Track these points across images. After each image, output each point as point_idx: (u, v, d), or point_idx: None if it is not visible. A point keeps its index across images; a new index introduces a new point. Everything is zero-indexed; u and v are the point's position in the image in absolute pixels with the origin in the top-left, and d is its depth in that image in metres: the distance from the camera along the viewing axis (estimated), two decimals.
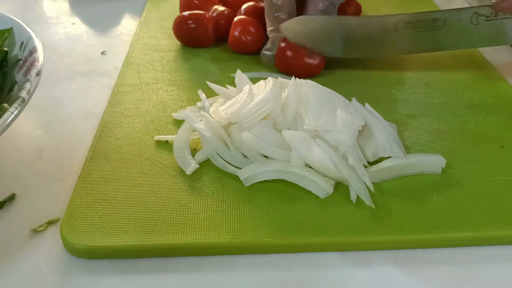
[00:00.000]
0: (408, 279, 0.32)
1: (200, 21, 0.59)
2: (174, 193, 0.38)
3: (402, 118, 0.47)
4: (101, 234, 0.34)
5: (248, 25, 0.57)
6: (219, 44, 0.61)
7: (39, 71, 0.40)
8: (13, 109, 0.36)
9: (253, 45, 0.57)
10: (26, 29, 0.46)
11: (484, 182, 0.38)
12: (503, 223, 0.35)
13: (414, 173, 0.39)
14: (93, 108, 0.50)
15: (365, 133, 0.41)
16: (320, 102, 0.41)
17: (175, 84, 0.53)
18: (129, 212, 0.36)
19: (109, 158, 0.41)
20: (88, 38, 0.67)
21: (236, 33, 0.57)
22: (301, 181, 0.38)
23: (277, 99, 0.40)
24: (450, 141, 0.43)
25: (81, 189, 0.38)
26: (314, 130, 0.39)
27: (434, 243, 0.34)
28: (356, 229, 0.34)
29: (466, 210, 0.36)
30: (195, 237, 0.34)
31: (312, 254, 0.34)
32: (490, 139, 0.43)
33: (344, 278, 0.32)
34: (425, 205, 0.36)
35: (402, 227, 0.34)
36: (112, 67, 0.58)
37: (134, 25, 0.70)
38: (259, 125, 0.39)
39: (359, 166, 0.37)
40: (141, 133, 0.44)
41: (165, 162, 0.41)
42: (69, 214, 0.35)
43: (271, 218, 0.35)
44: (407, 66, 0.56)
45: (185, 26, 0.59)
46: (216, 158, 0.40)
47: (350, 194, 0.37)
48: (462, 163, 0.40)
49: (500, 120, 0.46)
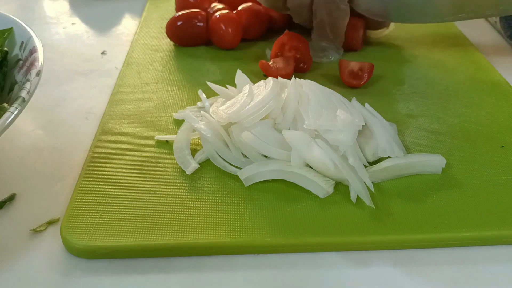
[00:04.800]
0: (408, 279, 0.32)
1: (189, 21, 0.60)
2: (174, 193, 0.38)
3: (402, 118, 0.47)
4: (101, 234, 0.34)
5: (226, 20, 0.58)
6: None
7: (39, 71, 0.40)
8: (13, 109, 0.36)
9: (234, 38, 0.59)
10: (26, 29, 0.46)
11: (484, 182, 0.38)
12: (503, 223, 0.35)
13: (414, 173, 0.39)
14: (93, 108, 0.50)
15: (365, 133, 0.41)
16: (320, 102, 0.41)
17: (175, 84, 0.53)
18: (129, 212, 0.36)
19: (109, 158, 0.41)
20: (88, 38, 0.67)
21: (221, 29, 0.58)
22: (301, 181, 0.38)
23: (277, 99, 0.40)
24: (450, 141, 0.43)
25: (81, 189, 0.38)
26: (314, 130, 0.39)
27: (434, 243, 0.34)
28: (356, 229, 0.34)
29: (466, 210, 0.36)
30: (195, 237, 0.34)
31: (312, 254, 0.34)
32: (490, 139, 0.43)
33: (344, 278, 0.32)
34: (425, 205, 0.36)
35: (402, 227, 0.34)
36: (112, 67, 0.58)
37: (134, 25, 0.70)
38: (259, 125, 0.39)
39: (359, 166, 0.37)
40: (141, 133, 0.44)
41: (165, 162, 0.41)
42: (69, 214, 0.35)
43: (271, 218, 0.35)
44: (407, 66, 0.56)
45: (175, 27, 0.60)
46: (216, 158, 0.40)
47: (350, 194, 0.37)
48: (462, 163, 0.40)
49: (500, 120, 0.46)
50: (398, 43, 0.61)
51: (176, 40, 0.61)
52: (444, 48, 0.60)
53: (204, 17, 0.60)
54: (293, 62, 0.54)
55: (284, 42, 0.55)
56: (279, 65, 0.53)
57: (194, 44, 0.61)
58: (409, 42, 0.62)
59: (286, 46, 0.55)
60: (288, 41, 0.55)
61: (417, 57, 0.58)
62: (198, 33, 0.60)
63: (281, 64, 0.53)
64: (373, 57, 0.58)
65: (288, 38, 0.55)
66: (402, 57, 0.58)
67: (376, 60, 0.56)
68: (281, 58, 0.54)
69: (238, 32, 0.59)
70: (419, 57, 0.58)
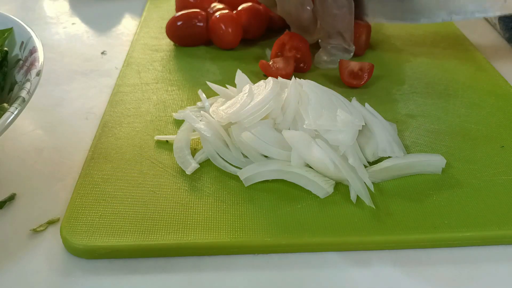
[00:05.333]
0: (408, 279, 0.32)
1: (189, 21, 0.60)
2: (174, 193, 0.38)
3: (402, 118, 0.47)
4: (101, 234, 0.34)
5: (226, 19, 0.58)
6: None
7: (39, 71, 0.40)
8: (13, 109, 0.36)
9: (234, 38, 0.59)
10: (26, 29, 0.46)
11: (484, 182, 0.38)
12: (503, 223, 0.35)
13: (414, 173, 0.39)
14: (93, 108, 0.50)
15: (365, 133, 0.41)
16: (320, 102, 0.41)
17: (175, 84, 0.53)
18: (129, 212, 0.36)
19: (109, 158, 0.41)
20: (88, 38, 0.67)
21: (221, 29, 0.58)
22: (301, 181, 0.38)
23: (277, 99, 0.40)
24: (450, 141, 0.43)
25: (81, 189, 0.38)
26: (314, 130, 0.39)
27: (434, 243, 0.34)
28: (356, 229, 0.34)
29: (466, 210, 0.36)
30: (195, 237, 0.34)
31: (312, 254, 0.34)
32: (490, 139, 0.43)
33: (344, 278, 0.32)
34: (425, 205, 0.36)
35: (402, 227, 0.34)
36: (112, 67, 0.58)
37: (134, 25, 0.70)
38: (259, 125, 0.39)
39: (359, 166, 0.37)
40: (141, 133, 0.44)
41: (165, 162, 0.41)
42: (69, 214, 0.35)
43: (271, 218, 0.35)
44: (407, 66, 0.56)
45: (175, 27, 0.60)
46: (216, 158, 0.40)
47: (350, 194, 0.37)
48: (462, 163, 0.40)
49: (500, 120, 0.46)
50: (398, 43, 0.61)
51: (176, 40, 0.61)
52: (444, 48, 0.60)
53: (204, 17, 0.60)
54: (293, 62, 0.54)
55: (284, 42, 0.55)
56: (279, 65, 0.53)
57: (194, 44, 0.61)
58: (409, 42, 0.62)
59: (286, 46, 0.55)
60: (288, 41, 0.55)
61: (417, 57, 0.58)
62: (198, 33, 0.60)
63: (281, 64, 0.53)
64: (373, 57, 0.58)
65: (288, 38, 0.55)
66: (402, 57, 0.58)
67: (376, 60, 0.56)
68: (281, 58, 0.54)
69: (238, 32, 0.59)
70: (419, 57, 0.58)
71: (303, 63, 0.55)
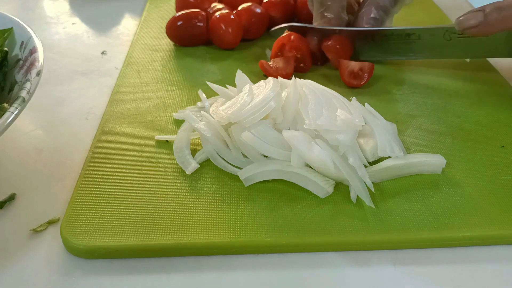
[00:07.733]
0: (408, 279, 0.32)
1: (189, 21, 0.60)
2: (174, 193, 0.38)
3: (402, 118, 0.47)
4: (101, 234, 0.34)
5: (227, 20, 0.58)
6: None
7: (39, 71, 0.40)
8: (13, 109, 0.36)
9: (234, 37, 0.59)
10: (26, 29, 0.46)
11: (484, 182, 0.38)
12: (503, 223, 0.35)
13: (414, 173, 0.39)
14: (93, 108, 0.50)
15: (365, 133, 0.41)
16: (320, 102, 0.41)
17: (175, 84, 0.53)
18: (129, 212, 0.36)
19: (109, 158, 0.41)
20: (88, 38, 0.67)
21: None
22: (301, 181, 0.38)
23: (277, 99, 0.40)
24: (450, 141, 0.43)
25: (81, 189, 0.38)
26: (314, 130, 0.39)
27: (434, 243, 0.34)
28: (356, 229, 0.34)
29: (466, 210, 0.36)
30: (195, 237, 0.34)
31: (312, 254, 0.34)
32: (490, 139, 0.43)
33: (344, 278, 0.32)
34: (425, 205, 0.36)
35: (402, 227, 0.34)
36: (112, 67, 0.58)
37: (134, 25, 0.70)
38: (259, 125, 0.39)
39: (359, 166, 0.37)
40: (141, 133, 0.44)
41: (165, 162, 0.41)
42: (69, 214, 0.35)
43: (271, 218, 0.35)
44: (407, 66, 0.56)
45: (175, 27, 0.60)
46: (216, 158, 0.40)
47: (350, 194, 0.37)
48: (462, 163, 0.40)
49: (500, 120, 0.46)
50: None
51: (176, 40, 0.61)
52: None
53: (204, 17, 0.60)
54: (293, 62, 0.54)
55: (284, 42, 0.55)
56: (279, 65, 0.53)
57: (194, 44, 0.61)
58: None
59: (286, 46, 0.55)
60: (288, 41, 0.55)
61: None
62: (198, 33, 0.60)
63: (281, 64, 0.53)
64: None
65: (288, 38, 0.55)
66: None
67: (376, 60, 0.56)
68: (281, 58, 0.54)
69: (238, 32, 0.59)
70: None
71: (303, 63, 0.55)
